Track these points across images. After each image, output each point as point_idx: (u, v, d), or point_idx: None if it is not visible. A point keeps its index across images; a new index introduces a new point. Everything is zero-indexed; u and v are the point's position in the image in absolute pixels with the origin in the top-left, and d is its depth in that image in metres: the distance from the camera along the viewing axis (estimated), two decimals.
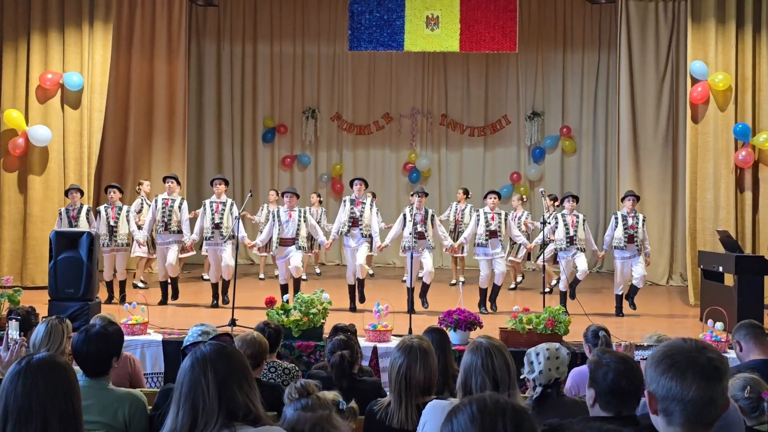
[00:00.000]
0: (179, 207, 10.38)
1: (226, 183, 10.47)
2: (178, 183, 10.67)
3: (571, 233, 10.15)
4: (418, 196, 10.09)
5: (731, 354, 5.86)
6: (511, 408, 1.82)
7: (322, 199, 14.44)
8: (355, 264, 10.03)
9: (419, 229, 9.91)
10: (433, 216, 10.17)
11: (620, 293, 10.13)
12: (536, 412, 3.50)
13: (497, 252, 10.17)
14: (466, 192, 13.30)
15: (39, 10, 11.93)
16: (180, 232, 10.34)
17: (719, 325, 7.29)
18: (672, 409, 2.01)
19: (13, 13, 11.91)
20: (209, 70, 16.31)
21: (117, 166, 13.80)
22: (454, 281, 12.77)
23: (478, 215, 10.30)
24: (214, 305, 10.11)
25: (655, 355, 2.08)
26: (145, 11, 13.63)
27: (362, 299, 10.03)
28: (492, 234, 10.13)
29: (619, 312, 10.03)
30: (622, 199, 10.52)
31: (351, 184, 10.43)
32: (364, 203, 10.18)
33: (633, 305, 10.10)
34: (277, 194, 13.28)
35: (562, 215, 10.29)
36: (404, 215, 10.04)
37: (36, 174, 11.84)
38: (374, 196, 13.56)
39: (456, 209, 13.12)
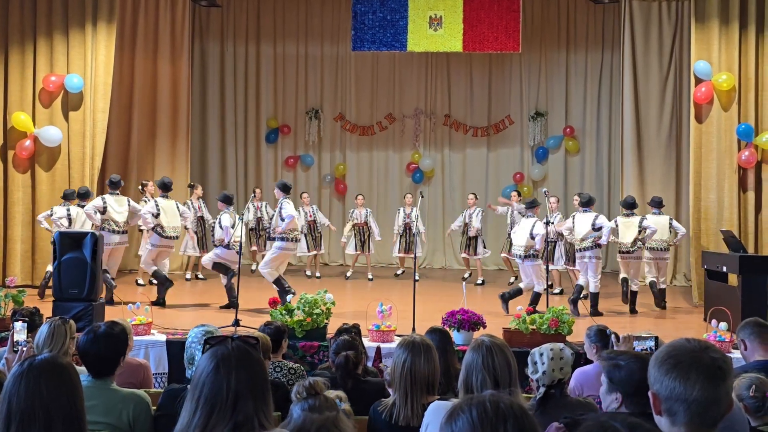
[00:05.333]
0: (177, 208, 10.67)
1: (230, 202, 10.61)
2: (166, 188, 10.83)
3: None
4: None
5: (735, 354, 5.85)
6: (512, 413, 1.79)
7: (311, 197, 14.42)
8: None
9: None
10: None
11: (635, 289, 10.35)
12: (539, 412, 3.49)
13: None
14: (476, 196, 13.43)
15: (44, 13, 11.94)
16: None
17: (723, 325, 7.28)
18: (676, 409, 2.01)
19: (19, 17, 11.93)
20: (212, 70, 16.31)
21: (120, 166, 13.78)
22: (468, 273, 13.18)
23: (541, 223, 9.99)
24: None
25: (658, 355, 2.08)
26: (148, 12, 13.63)
27: None
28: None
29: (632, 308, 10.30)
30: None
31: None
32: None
33: (633, 309, 10.31)
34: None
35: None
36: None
37: (43, 175, 11.88)
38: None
39: (466, 215, 13.19)
